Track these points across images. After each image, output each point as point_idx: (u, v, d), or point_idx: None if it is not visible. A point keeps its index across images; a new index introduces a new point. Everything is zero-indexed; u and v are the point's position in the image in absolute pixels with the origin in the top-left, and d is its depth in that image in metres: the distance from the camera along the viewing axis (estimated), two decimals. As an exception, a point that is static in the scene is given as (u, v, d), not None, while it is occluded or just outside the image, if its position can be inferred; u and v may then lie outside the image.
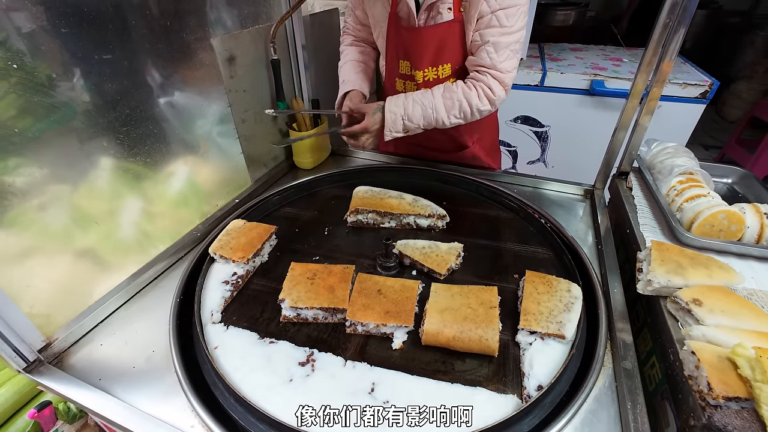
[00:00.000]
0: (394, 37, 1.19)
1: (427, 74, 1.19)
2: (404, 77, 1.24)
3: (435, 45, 1.13)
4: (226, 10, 1.11)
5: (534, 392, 0.69)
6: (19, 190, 0.73)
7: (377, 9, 1.19)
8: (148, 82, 0.93)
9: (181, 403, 0.70)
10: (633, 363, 0.73)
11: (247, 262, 0.93)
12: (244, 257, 0.92)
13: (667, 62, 0.99)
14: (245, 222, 1.04)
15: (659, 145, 1.21)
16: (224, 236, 0.99)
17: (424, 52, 1.15)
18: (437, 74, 1.18)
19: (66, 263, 0.84)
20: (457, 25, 1.10)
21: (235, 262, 0.93)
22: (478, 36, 1.07)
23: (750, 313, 0.70)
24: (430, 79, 1.19)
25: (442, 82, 1.18)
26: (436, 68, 1.17)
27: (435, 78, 1.19)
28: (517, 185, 1.32)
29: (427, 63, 1.17)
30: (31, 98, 0.72)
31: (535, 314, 0.78)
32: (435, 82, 1.19)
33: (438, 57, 1.16)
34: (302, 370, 0.73)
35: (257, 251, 0.96)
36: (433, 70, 1.18)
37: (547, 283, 0.85)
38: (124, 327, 0.87)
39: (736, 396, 0.56)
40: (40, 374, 0.76)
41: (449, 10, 1.07)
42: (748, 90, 4.10)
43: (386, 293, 0.84)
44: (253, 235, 0.99)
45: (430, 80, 1.19)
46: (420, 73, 1.19)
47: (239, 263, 0.93)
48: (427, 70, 1.18)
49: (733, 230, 0.90)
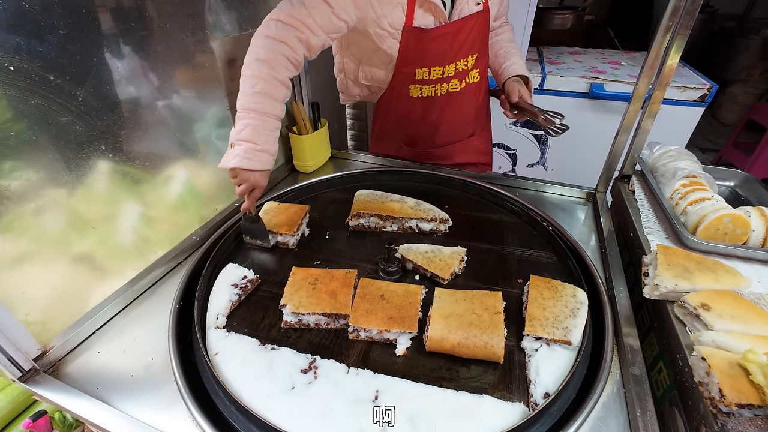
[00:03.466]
0: (414, 44, 1.13)
1: (458, 66, 1.21)
2: (423, 82, 1.22)
3: (464, 38, 1.16)
4: (226, 13, 1.10)
5: (541, 399, 0.67)
6: (14, 194, 0.71)
7: (395, 16, 1.07)
8: (147, 85, 0.92)
9: (181, 412, 0.69)
10: (641, 369, 0.72)
11: (294, 234, 1.04)
12: (290, 230, 1.03)
13: (669, 66, 0.99)
14: (279, 203, 1.13)
15: (661, 148, 1.21)
16: (264, 215, 1.08)
17: (454, 47, 1.16)
18: (466, 65, 1.22)
19: (63, 269, 0.82)
20: (486, 15, 1.18)
21: (282, 235, 1.03)
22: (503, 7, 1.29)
23: (759, 318, 0.69)
24: (461, 70, 1.22)
25: (469, 72, 1.24)
26: (466, 59, 1.21)
27: (464, 69, 1.22)
28: (518, 188, 1.32)
29: (456, 57, 1.18)
30: (28, 101, 0.70)
31: (541, 320, 0.77)
32: (464, 73, 1.23)
33: (467, 49, 1.19)
34: (304, 377, 0.72)
35: (298, 225, 1.06)
36: (463, 62, 1.21)
37: (552, 288, 0.83)
38: (122, 334, 0.85)
39: (749, 403, 0.55)
40: (35, 384, 0.74)
41: (477, 4, 1.14)
42: (743, 93, 4.12)
43: (389, 298, 0.83)
44: (291, 212, 1.09)
45: (460, 71, 1.22)
46: (451, 67, 1.20)
47: (286, 235, 1.04)
48: (458, 62, 1.20)
49: (738, 234, 0.89)
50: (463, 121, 1.38)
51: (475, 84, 1.29)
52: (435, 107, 1.28)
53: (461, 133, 1.42)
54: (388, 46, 1.14)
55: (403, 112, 1.32)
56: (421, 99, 1.26)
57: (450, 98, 1.27)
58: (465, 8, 1.13)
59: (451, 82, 1.23)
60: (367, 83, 1.31)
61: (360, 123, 2.51)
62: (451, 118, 1.33)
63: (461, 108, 1.32)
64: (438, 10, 1.09)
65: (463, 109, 1.33)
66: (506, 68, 1.29)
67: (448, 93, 1.25)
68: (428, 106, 1.28)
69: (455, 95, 1.27)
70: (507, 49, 1.32)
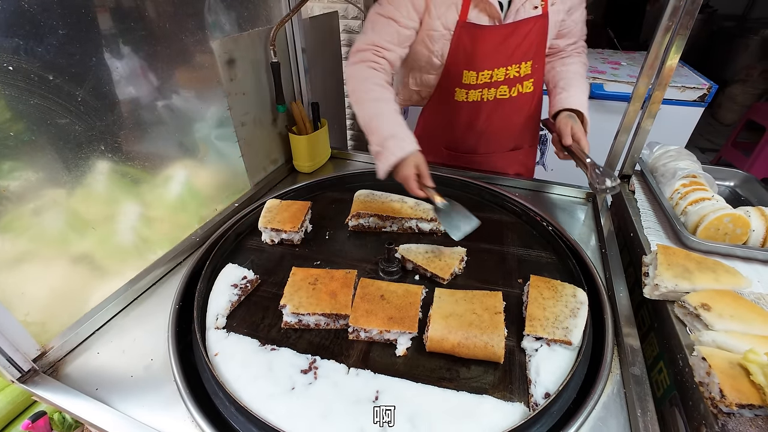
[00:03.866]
0: (466, 44, 1.10)
1: (509, 72, 1.15)
2: (470, 87, 1.18)
3: (518, 42, 1.11)
4: (225, 13, 1.10)
5: (541, 400, 0.67)
6: (14, 195, 0.71)
7: (449, 16, 1.07)
8: (147, 85, 0.92)
9: (181, 413, 0.69)
10: (641, 369, 0.72)
11: (298, 230, 1.04)
12: (294, 227, 1.03)
13: (669, 66, 0.99)
14: (280, 201, 1.12)
15: (661, 148, 1.21)
16: (267, 213, 1.08)
17: (507, 50, 1.11)
18: (518, 71, 1.16)
19: (62, 269, 0.82)
20: (544, 20, 1.10)
21: (287, 232, 1.03)
22: (572, 21, 1.16)
23: (759, 318, 0.69)
24: (512, 76, 1.17)
25: (522, 80, 1.18)
26: (519, 65, 1.15)
27: (516, 76, 1.16)
28: (518, 188, 1.32)
29: (507, 61, 1.14)
30: (27, 101, 0.70)
31: (541, 320, 0.77)
32: (515, 80, 1.17)
33: (521, 54, 1.13)
34: (304, 377, 0.71)
35: (302, 222, 1.06)
36: (515, 67, 1.15)
37: (552, 288, 0.83)
38: (121, 335, 0.85)
39: (750, 403, 0.55)
40: (35, 384, 0.74)
41: (535, 8, 1.08)
42: (743, 93, 4.13)
43: (389, 299, 0.82)
44: (294, 209, 1.09)
45: (511, 77, 1.17)
46: (501, 71, 1.15)
47: (291, 232, 1.04)
48: (509, 68, 1.15)
49: (738, 234, 0.89)
50: (510, 130, 1.32)
51: (527, 94, 1.22)
52: (481, 113, 1.23)
53: (506, 143, 1.36)
54: (439, 48, 1.13)
55: (447, 116, 1.27)
56: (467, 104, 1.21)
57: (498, 105, 1.21)
58: (521, 10, 1.07)
59: (500, 88, 1.18)
60: (417, 88, 1.29)
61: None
62: (497, 127, 1.28)
63: (510, 117, 1.26)
64: (493, 10, 1.06)
65: (512, 118, 1.27)
66: (561, 98, 1.14)
67: (496, 99, 1.20)
68: (474, 111, 1.23)
69: (504, 102, 1.21)
70: (570, 80, 1.17)
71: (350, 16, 2.12)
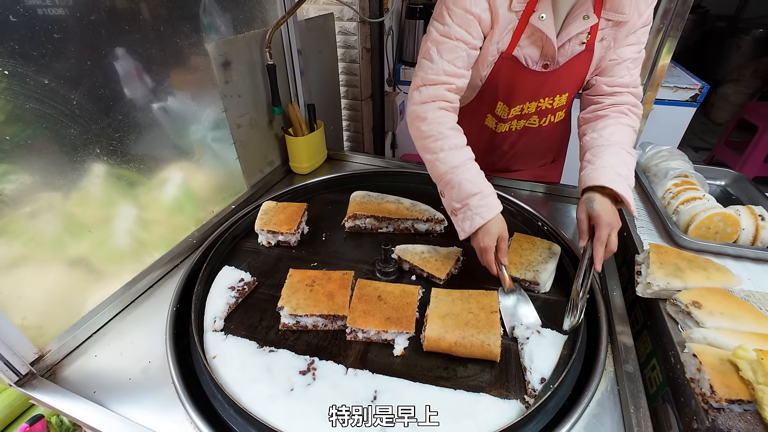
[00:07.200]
0: (504, 74, 1.01)
1: (541, 104, 1.08)
2: (500, 119, 1.12)
3: (557, 79, 1.02)
4: (221, 15, 1.10)
5: (538, 385, 0.70)
6: (9, 198, 0.71)
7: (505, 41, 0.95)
8: (142, 88, 0.92)
9: (179, 416, 0.69)
10: (634, 366, 0.73)
11: (294, 232, 1.04)
12: (291, 228, 1.03)
13: (661, 66, 1.01)
14: (276, 203, 1.12)
15: (654, 148, 1.23)
16: (264, 215, 1.08)
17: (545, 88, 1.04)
18: (551, 104, 1.09)
19: (58, 273, 0.82)
20: (588, 55, 0.97)
21: (283, 234, 1.04)
22: (616, 55, 0.97)
23: (749, 315, 0.70)
24: (543, 108, 1.09)
25: (555, 111, 1.11)
26: (552, 98, 1.07)
27: (549, 107, 1.09)
28: (513, 188, 1.33)
29: (543, 95, 1.06)
30: (22, 104, 0.70)
31: (517, 265, 0.90)
32: (547, 111, 1.10)
33: (558, 89, 1.05)
34: (303, 379, 0.72)
35: (299, 224, 1.06)
36: (548, 100, 1.08)
37: (531, 242, 0.98)
38: (119, 337, 0.85)
39: (739, 398, 0.56)
40: (32, 388, 0.74)
41: (582, 44, 0.95)
42: (735, 93, 4.17)
43: (386, 299, 0.83)
44: (290, 211, 1.09)
45: (543, 109, 1.09)
46: (533, 105, 1.08)
47: (287, 234, 1.04)
48: (542, 100, 1.07)
49: (728, 232, 0.91)
50: (535, 153, 1.30)
51: (558, 123, 1.17)
52: (507, 139, 1.19)
53: (531, 163, 1.34)
54: (487, 72, 1.02)
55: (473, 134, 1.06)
56: (494, 131, 1.17)
57: (526, 132, 1.16)
58: (567, 47, 0.95)
59: (530, 119, 1.12)
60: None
61: (356, 124, 2.51)
62: (523, 150, 1.24)
63: (535, 141, 1.21)
64: (548, 43, 0.93)
65: (537, 142, 1.22)
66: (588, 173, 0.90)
67: (524, 128, 1.15)
68: (500, 138, 1.19)
69: (532, 130, 1.16)
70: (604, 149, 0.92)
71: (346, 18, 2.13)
